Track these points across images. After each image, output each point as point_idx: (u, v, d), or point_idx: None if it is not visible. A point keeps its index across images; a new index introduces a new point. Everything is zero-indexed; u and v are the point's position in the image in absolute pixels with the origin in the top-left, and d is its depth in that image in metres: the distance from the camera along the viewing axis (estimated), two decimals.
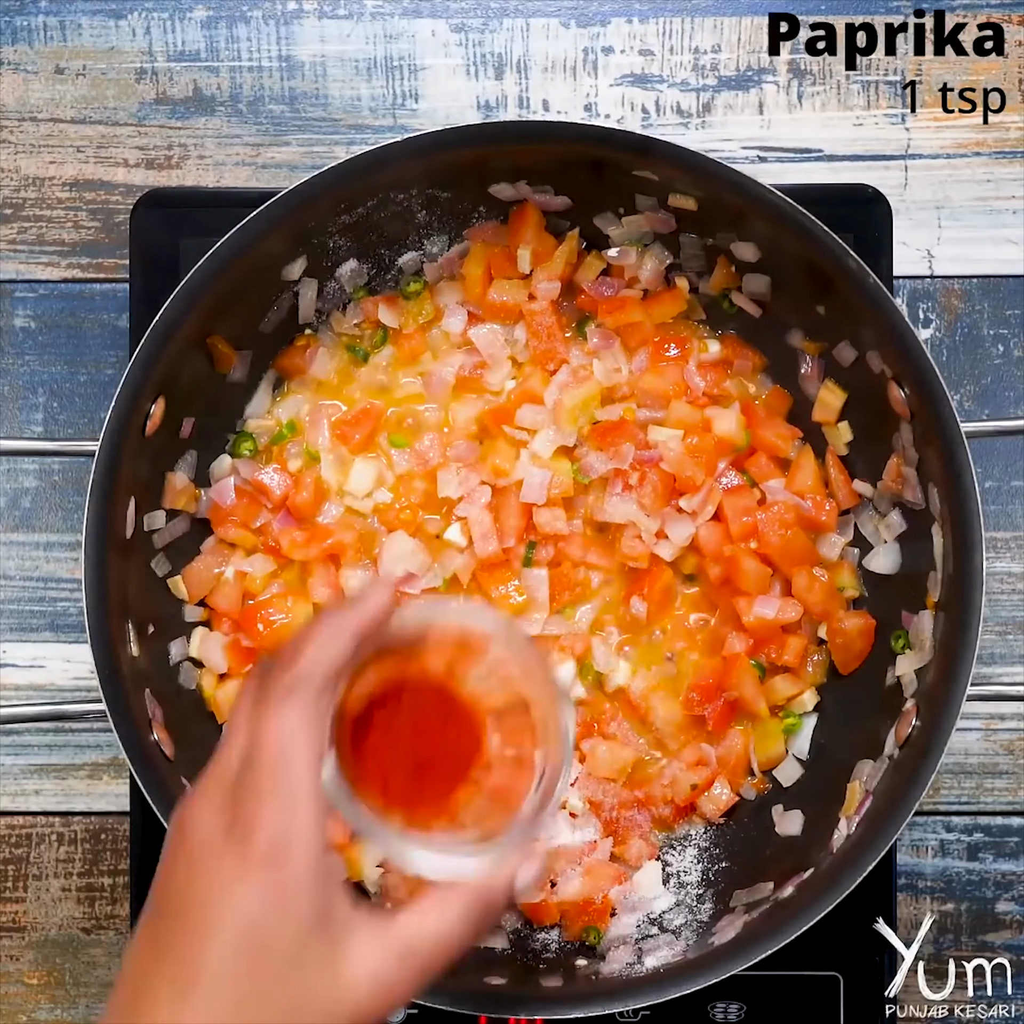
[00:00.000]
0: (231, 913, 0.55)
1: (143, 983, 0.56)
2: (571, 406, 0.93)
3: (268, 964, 0.55)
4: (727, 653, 0.93)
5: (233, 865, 0.56)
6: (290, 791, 0.57)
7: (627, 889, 0.93)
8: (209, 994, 0.54)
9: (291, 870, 0.56)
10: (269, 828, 0.56)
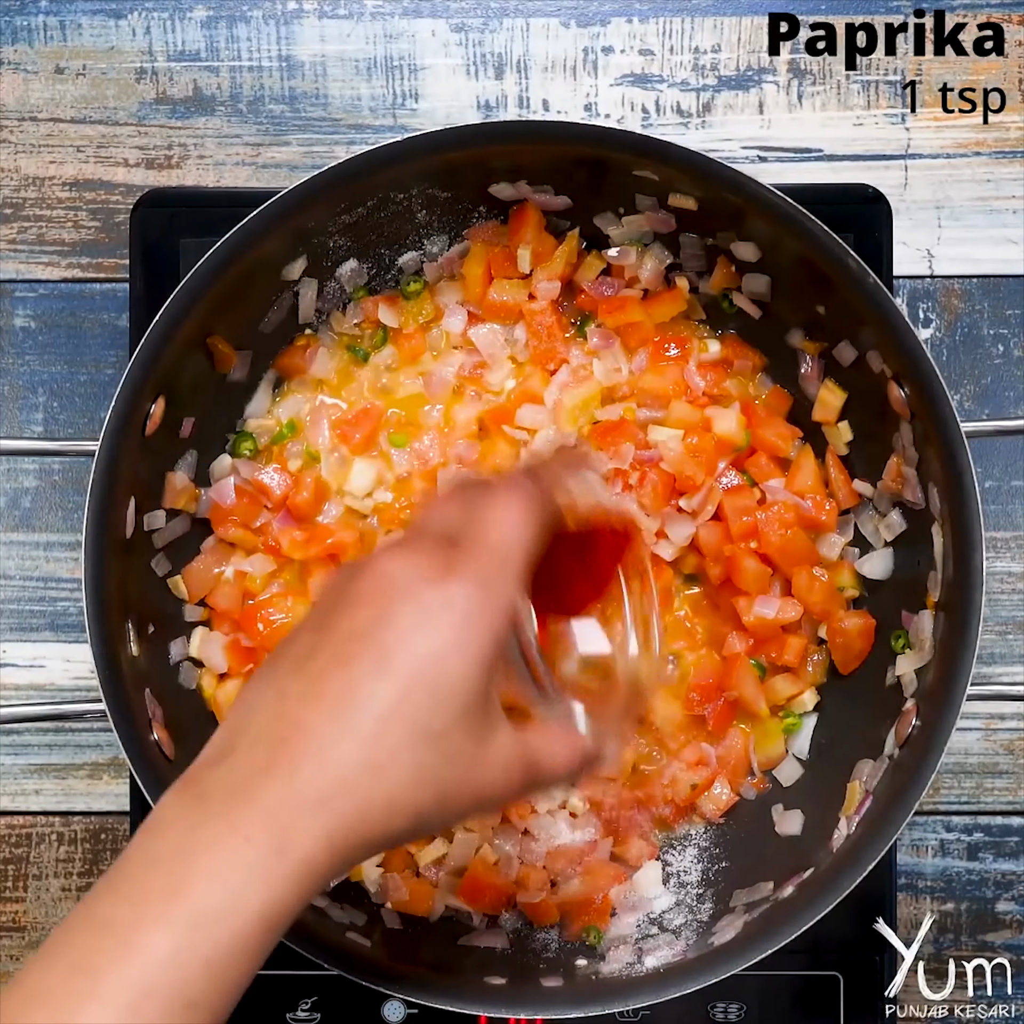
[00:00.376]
0: (416, 651, 0.55)
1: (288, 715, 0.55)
2: (571, 406, 0.93)
3: (440, 713, 0.55)
4: (727, 653, 0.93)
5: (434, 602, 0.56)
6: (508, 561, 0.58)
7: (627, 889, 0.93)
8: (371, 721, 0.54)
9: (486, 631, 0.56)
10: (483, 582, 0.57)
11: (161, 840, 0.53)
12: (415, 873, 0.93)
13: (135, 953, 0.50)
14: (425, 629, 0.55)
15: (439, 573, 0.57)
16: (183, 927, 0.50)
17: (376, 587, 0.57)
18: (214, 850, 0.52)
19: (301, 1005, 0.93)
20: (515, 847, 0.93)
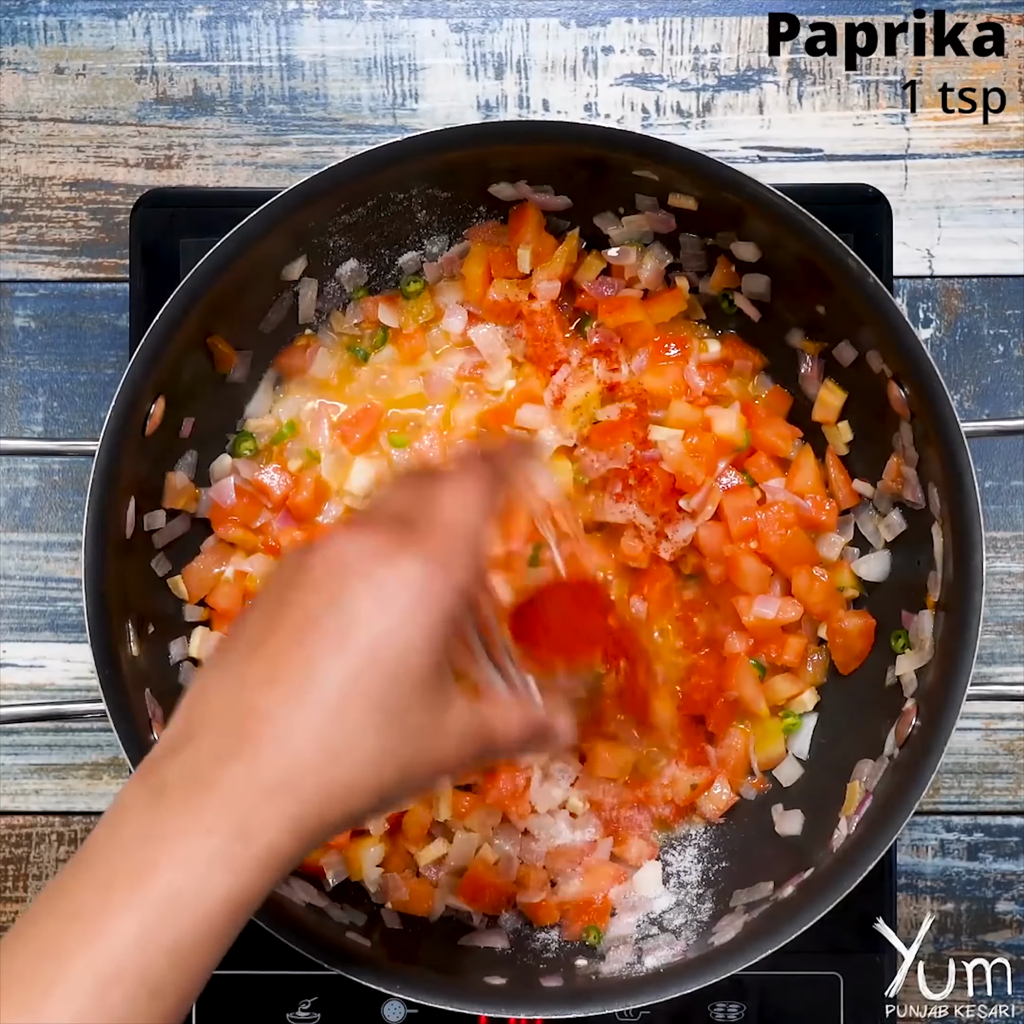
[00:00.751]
0: (372, 631, 0.55)
1: (246, 702, 0.55)
2: (571, 406, 0.93)
3: (397, 691, 0.55)
4: (727, 653, 0.93)
5: (388, 580, 0.56)
6: (461, 543, 0.58)
7: (627, 889, 0.93)
8: (329, 702, 0.54)
9: (439, 608, 0.56)
10: (436, 560, 0.57)
11: (125, 828, 0.53)
12: (415, 873, 0.93)
13: (101, 938, 0.50)
14: (379, 607, 0.55)
15: (392, 551, 0.56)
16: (149, 912, 0.51)
17: (329, 567, 0.57)
18: (178, 837, 0.52)
19: (301, 1005, 0.93)
20: (515, 847, 0.93)
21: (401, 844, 0.93)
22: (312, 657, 0.55)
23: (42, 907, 0.52)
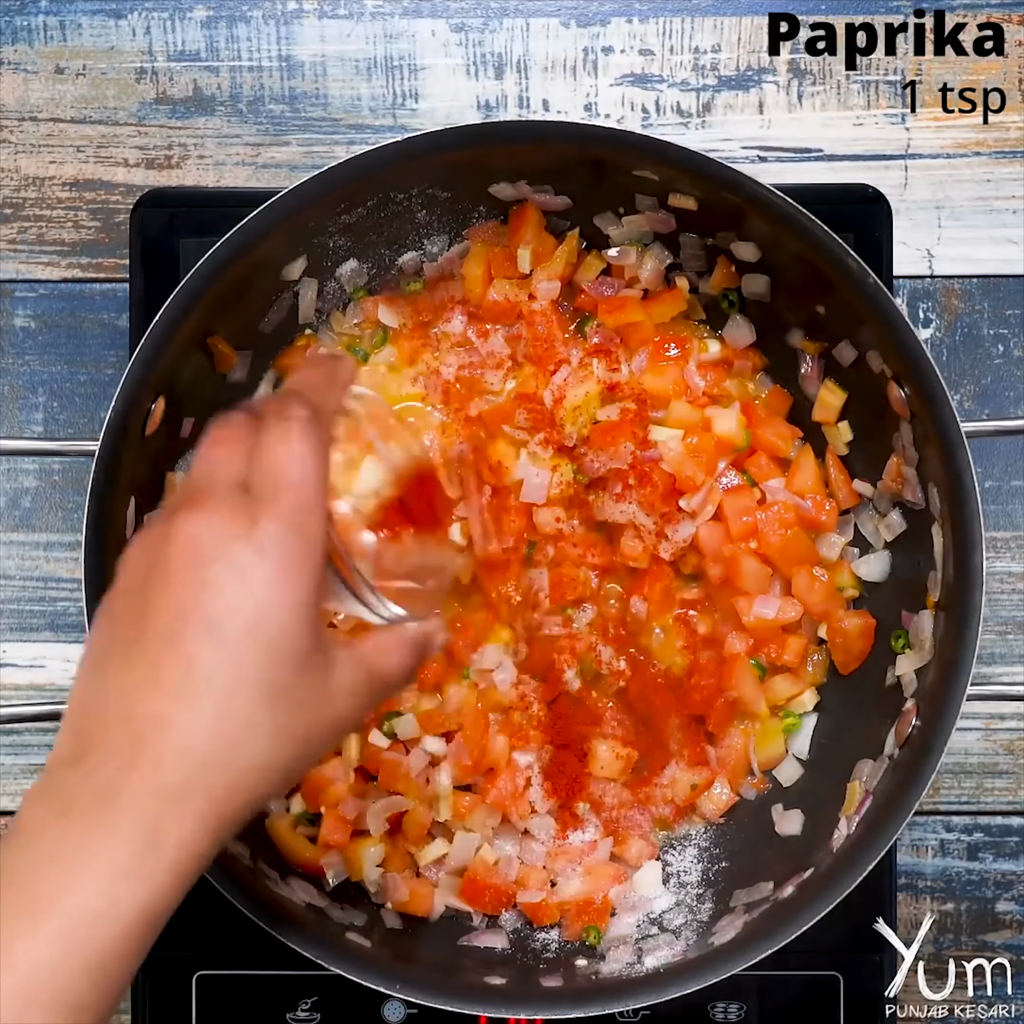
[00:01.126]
0: (242, 612, 0.55)
1: (134, 709, 0.54)
2: (571, 406, 0.93)
3: (280, 667, 0.55)
4: (727, 653, 0.93)
5: (248, 559, 0.55)
6: (308, 497, 0.57)
7: (627, 889, 0.93)
8: (215, 694, 0.54)
9: (304, 573, 0.56)
10: (289, 525, 0.56)
11: (29, 849, 0.52)
12: (415, 873, 0.93)
13: (14, 965, 0.49)
14: (244, 587, 0.55)
15: (244, 527, 0.56)
16: (60, 935, 0.50)
17: (186, 555, 0.56)
18: (85, 854, 0.51)
19: (301, 1005, 0.93)
20: (515, 847, 0.93)
21: (401, 844, 0.93)
22: (190, 654, 0.54)
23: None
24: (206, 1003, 0.93)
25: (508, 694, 0.93)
